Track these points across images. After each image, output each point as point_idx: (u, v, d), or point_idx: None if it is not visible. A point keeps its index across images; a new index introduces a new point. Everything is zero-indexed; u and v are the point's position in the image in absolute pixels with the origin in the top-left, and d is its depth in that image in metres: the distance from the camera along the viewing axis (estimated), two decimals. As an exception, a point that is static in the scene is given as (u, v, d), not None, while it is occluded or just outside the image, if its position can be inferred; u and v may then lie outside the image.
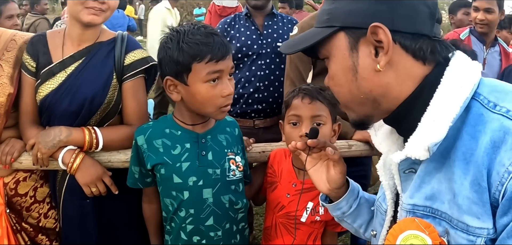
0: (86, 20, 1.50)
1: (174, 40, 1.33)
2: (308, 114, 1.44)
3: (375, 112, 0.90)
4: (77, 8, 1.49)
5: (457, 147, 0.77)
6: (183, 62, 1.31)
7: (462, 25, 3.49)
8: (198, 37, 1.31)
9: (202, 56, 1.29)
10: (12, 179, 1.65)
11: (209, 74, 1.31)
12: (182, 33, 1.32)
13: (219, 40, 1.32)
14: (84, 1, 1.48)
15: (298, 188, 1.51)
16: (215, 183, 1.42)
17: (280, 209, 1.54)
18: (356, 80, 0.85)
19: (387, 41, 0.79)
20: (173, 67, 1.33)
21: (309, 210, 1.49)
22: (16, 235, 1.66)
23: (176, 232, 1.46)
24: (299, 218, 1.50)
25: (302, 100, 1.46)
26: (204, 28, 1.35)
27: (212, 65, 1.30)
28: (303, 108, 1.45)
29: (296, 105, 1.47)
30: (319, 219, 1.51)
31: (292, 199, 1.51)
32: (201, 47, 1.29)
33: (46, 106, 1.55)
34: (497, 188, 0.71)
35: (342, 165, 1.12)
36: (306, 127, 1.43)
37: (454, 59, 0.83)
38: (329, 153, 1.10)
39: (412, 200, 0.84)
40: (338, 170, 1.11)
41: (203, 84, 1.32)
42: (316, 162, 1.16)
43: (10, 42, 1.60)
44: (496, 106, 0.76)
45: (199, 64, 1.30)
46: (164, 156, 1.41)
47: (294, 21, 2.59)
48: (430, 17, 0.82)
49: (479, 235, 0.73)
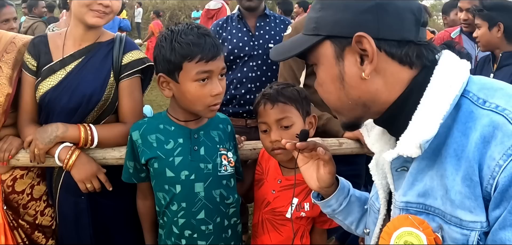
0: (91, 23, 1.56)
1: (168, 39, 1.37)
2: (273, 119, 1.45)
3: (365, 114, 0.92)
4: (82, 10, 1.54)
5: (448, 144, 0.78)
6: (174, 61, 1.35)
7: (455, 25, 3.51)
8: (190, 37, 1.35)
9: (192, 56, 1.33)
10: (9, 176, 1.68)
11: (199, 74, 1.35)
12: (176, 33, 1.37)
13: (210, 41, 1.36)
14: (89, 4, 1.53)
15: (283, 184, 1.53)
16: (207, 178, 1.46)
17: (266, 205, 1.56)
18: (344, 88, 0.87)
19: (371, 50, 0.81)
20: (166, 65, 1.38)
21: (294, 206, 1.49)
22: (12, 232, 1.69)
23: (169, 226, 1.49)
24: (284, 214, 1.51)
25: (264, 106, 1.47)
26: (198, 28, 1.39)
27: (202, 65, 1.34)
28: (267, 114, 1.46)
29: (261, 113, 1.48)
30: (305, 215, 1.52)
31: (278, 195, 1.52)
32: (192, 48, 1.33)
33: (46, 102, 1.59)
34: (489, 182, 0.72)
35: (331, 165, 1.14)
36: (274, 133, 1.44)
37: (443, 59, 0.84)
38: (319, 153, 1.12)
39: (405, 198, 0.85)
40: (327, 170, 1.13)
41: (193, 83, 1.36)
42: (308, 160, 1.19)
43: (9, 44, 1.64)
44: (486, 102, 0.77)
45: (189, 63, 1.34)
46: (158, 150, 1.44)
47: (287, 21, 2.61)
48: (415, 23, 0.83)
49: (473, 228, 0.74)
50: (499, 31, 2.43)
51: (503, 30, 2.42)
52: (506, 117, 0.73)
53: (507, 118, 0.73)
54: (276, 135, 1.44)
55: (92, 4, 1.53)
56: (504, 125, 0.72)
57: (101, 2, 1.53)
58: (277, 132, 1.45)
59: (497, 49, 2.52)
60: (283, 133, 1.44)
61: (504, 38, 2.44)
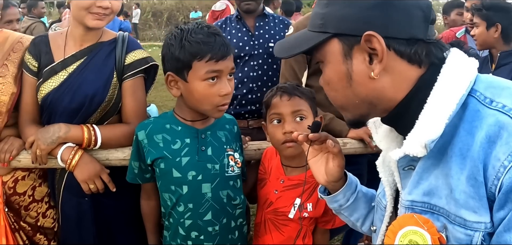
0: (91, 25, 1.53)
1: (178, 37, 1.36)
2: (289, 111, 1.47)
3: (371, 112, 0.91)
4: (82, 13, 1.52)
5: (454, 143, 0.77)
6: (184, 59, 1.34)
7: (455, 25, 3.52)
8: (200, 36, 1.33)
9: (202, 55, 1.32)
10: (10, 178, 1.66)
11: (208, 73, 1.33)
12: (186, 32, 1.35)
13: (220, 41, 1.35)
14: (88, 7, 1.50)
15: (286, 184, 1.53)
16: (214, 178, 1.44)
17: (268, 205, 1.56)
18: (351, 86, 0.86)
19: (381, 49, 0.79)
20: (175, 63, 1.36)
21: (297, 206, 1.50)
22: (14, 233, 1.67)
23: (174, 228, 1.47)
24: (286, 214, 1.51)
25: (281, 98, 1.49)
26: (208, 28, 1.38)
27: (212, 64, 1.33)
28: (283, 105, 1.48)
29: (276, 104, 1.49)
30: (307, 216, 1.52)
31: (280, 195, 1.53)
32: (202, 46, 1.32)
33: (48, 103, 1.58)
34: (493, 183, 0.71)
35: (341, 158, 1.12)
36: (288, 124, 1.46)
37: (450, 57, 0.83)
38: (329, 146, 1.10)
39: (411, 196, 0.85)
40: (337, 163, 1.12)
41: (202, 82, 1.34)
42: (317, 154, 1.17)
43: (16, 43, 1.64)
44: (493, 102, 0.76)
45: (199, 62, 1.33)
46: (164, 150, 1.43)
47: (286, 21, 2.61)
48: (424, 20, 0.81)
49: (477, 229, 0.74)
50: (496, 32, 2.47)
51: (500, 30, 2.46)
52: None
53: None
54: (291, 126, 1.45)
55: (91, 6, 1.50)
56: (510, 125, 0.72)
57: (100, 4, 1.50)
58: (292, 124, 1.46)
59: (493, 49, 2.55)
60: (297, 125, 1.46)
61: (501, 39, 2.49)
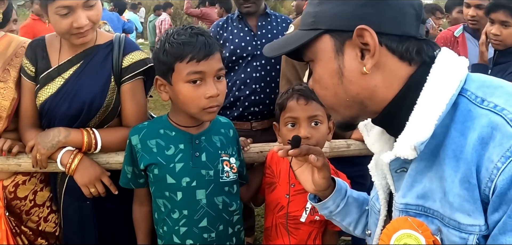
0: (78, 43, 1.53)
1: (163, 41, 1.35)
2: (305, 115, 1.44)
3: (361, 114, 0.90)
4: (64, 35, 1.52)
5: (446, 145, 0.77)
6: (167, 62, 1.32)
7: (457, 23, 3.46)
8: (182, 37, 1.31)
9: (183, 56, 1.30)
10: (11, 182, 1.66)
11: (190, 75, 1.31)
12: (170, 34, 1.34)
13: (202, 40, 1.31)
14: (67, 31, 1.48)
15: (297, 188, 1.51)
16: (208, 184, 1.42)
17: (279, 210, 1.54)
18: (342, 83, 0.85)
19: (373, 44, 0.79)
20: (160, 67, 1.35)
21: (309, 210, 1.50)
22: (15, 238, 1.67)
23: (169, 236, 1.44)
24: (298, 218, 1.50)
25: (297, 101, 1.45)
26: (191, 28, 1.35)
27: (193, 65, 1.30)
28: (299, 109, 1.45)
29: (292, 107, 1.46)
30: (319, 219, 1.51)
31: (291, 199, 1.51)
32: (182, 47, 1.30)
33: (46, 110, 1.57)
34: (487, 185, 0.70)
35: (325, 170, 1.12)
36: (304, 129, 1.43)
37: (440, 56, 0.84)
38: (311, 161, 1.10)
39: (405, 199, 0.84)
40: (322, 175, 1.12)
41: (185, 84, 1.32)
42: (302, 164, 1.18)
43: (20, 48, 1.64)
44: (484, 101, 0.75)
45: (181, 64, 1.31)
46: (158, 156, 1.41)
47: (289, 20, 2.57)
48: (416, 18, 0.82)
49: (471, 232, 0.73)
50: None
51: None
52: (505, 118, 0.71)
53: (506, 119, 0.71)
54: (306, 131, 1.43)
55: (70, 30, 1.48)
56: (503, 125, 0.70)
57: (77, 25, 1.47)
58: (307, 129, 1.44)
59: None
60: (312, 130, 1.45)
61: None
